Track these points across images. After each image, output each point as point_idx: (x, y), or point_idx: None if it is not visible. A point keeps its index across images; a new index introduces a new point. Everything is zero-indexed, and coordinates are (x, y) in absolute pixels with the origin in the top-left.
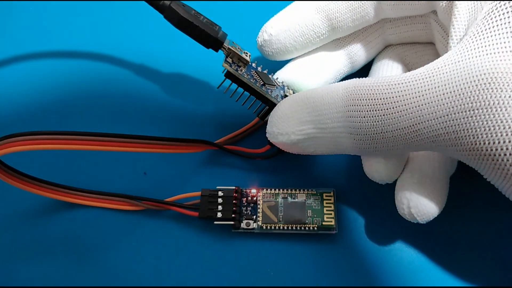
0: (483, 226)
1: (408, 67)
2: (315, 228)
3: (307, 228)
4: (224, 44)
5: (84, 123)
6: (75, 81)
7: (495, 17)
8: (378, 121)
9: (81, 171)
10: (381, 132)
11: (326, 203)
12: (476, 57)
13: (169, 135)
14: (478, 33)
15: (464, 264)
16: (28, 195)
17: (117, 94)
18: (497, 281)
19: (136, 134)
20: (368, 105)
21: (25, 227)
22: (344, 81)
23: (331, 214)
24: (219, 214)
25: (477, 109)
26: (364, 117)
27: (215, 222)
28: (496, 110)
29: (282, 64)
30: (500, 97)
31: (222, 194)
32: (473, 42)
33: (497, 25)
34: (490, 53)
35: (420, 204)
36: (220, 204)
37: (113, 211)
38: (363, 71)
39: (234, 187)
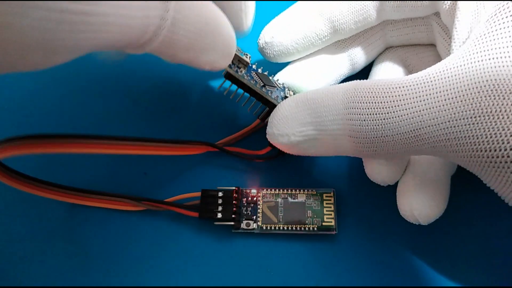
0: (484, 227)
1: (408, 69)
2: (315, 229)
3: (307, 229)
4: None
5: (85, 126)
6: (75, 83)
7: (498, 20)
8: (378, 125)
9: (81, 171)
10: (381, 136)
11: (326, 203)
12: (478, 61)
13: (170, 137)
14: (481, 37)
15: (465, 264)
16: (28, 195)
17: (118, 96)
18: (497, 281)
19: (136, 136)
20: (368, 108)
21: (25, 227)
22: (344, 83)
23: (331, 214)
24: (219, 215)
25: (479, 116)
26: (364, 120)
27: (215, 223)
28: (498, 118)
29: (282, 65)
30: (502, 104)
31: (222, 194)
32: (475, 45)
33: (500, 28)
34: (493, 58)
35: (422, 206)
36: (220, 204)
37: (113, 211)
38: (364, 72)
39: (234, 188)
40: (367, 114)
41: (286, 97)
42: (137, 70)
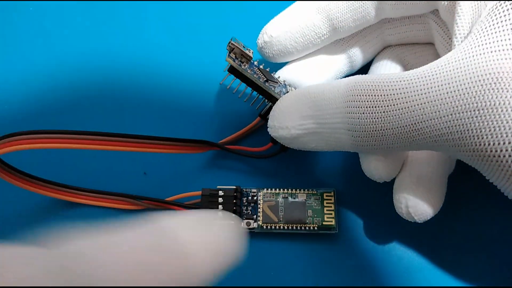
0: (482, 225)
1: (406, 68)
2: (316, 228)
3: (307, 228)
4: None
5: (86, 123)
6: (76, 80)
7: (499, 13)
8: (377, 118)
9: (82, 170)
10: (381, 130)
11: (327, 203)
12: (480, 54)
13: (171, 136)
14: (482, 30)
15: (464, 263)
16: (28, 194)
17: (119, 94)
18: (496, 281)
19: (138, 134)
20: (367, 101)
21: (25, 226)
22: (346, 78)
23: (331, 214)
24: None
25: (482, 109)
26: (363, 113)
27: None
28: (501, 111)
29: (282, 65)
30: (505, 97)
31: (222, 193)
32: (477, 39)
33: (501, 22)
34: (495, 51)
35: (417, 204)
36: (220, 203)
37: (114, 210)
38: (363, 71)
39: (234, 187)
40: (367, 107)
41: (288, 92)
42: (138, 69)
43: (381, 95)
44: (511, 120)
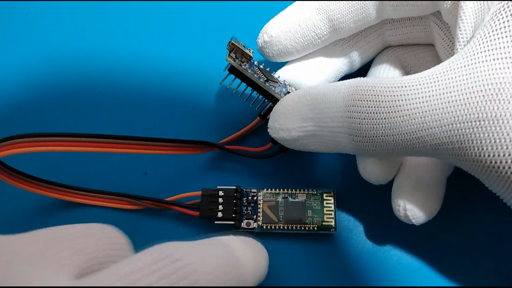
0: (480, 227)
1: (406, 70)
2: (315, 228)
3: (307, 228)
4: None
5: (85, 124)
6: (75, 82)
7: (502, 17)
8: (378, 124)
9: (82, 170)
10: (381, 136)
11: (326, 203)
12: (482, 62)
13: (171, 137)
14: (485, 35)
15: (462, 264)
16: (28, 194)
17: (119, 94)
18: (494, 281)
19: (137, 135)
20: (369, 107)
21: (25, 226)
22: (347, 80)
23: (331, 214)
24: (220, 214)
25: (483, 120)
26: (364, 118)
27: (216, 222)
28: (502, 122)
29: (282, 65)
30: (507, 109)
31: (222, 194)
32: (479, 44)
33: (504, 27)
34: (497, 58)
35: (415, 207)
36: (220, 203)
37: (114, 210)
38: (363, 71)
39: (234, 187)
40: (368, 113)
41: (288, 92)
42: (138, 69)
43: (383, 101)
44: (511, 132)
